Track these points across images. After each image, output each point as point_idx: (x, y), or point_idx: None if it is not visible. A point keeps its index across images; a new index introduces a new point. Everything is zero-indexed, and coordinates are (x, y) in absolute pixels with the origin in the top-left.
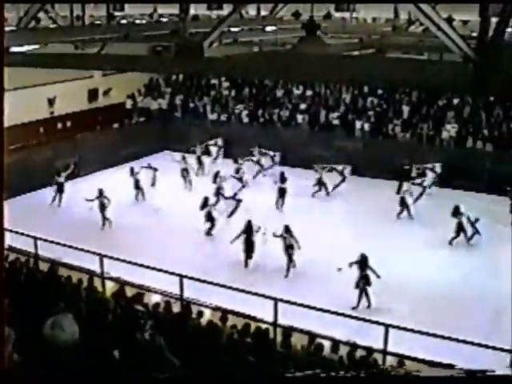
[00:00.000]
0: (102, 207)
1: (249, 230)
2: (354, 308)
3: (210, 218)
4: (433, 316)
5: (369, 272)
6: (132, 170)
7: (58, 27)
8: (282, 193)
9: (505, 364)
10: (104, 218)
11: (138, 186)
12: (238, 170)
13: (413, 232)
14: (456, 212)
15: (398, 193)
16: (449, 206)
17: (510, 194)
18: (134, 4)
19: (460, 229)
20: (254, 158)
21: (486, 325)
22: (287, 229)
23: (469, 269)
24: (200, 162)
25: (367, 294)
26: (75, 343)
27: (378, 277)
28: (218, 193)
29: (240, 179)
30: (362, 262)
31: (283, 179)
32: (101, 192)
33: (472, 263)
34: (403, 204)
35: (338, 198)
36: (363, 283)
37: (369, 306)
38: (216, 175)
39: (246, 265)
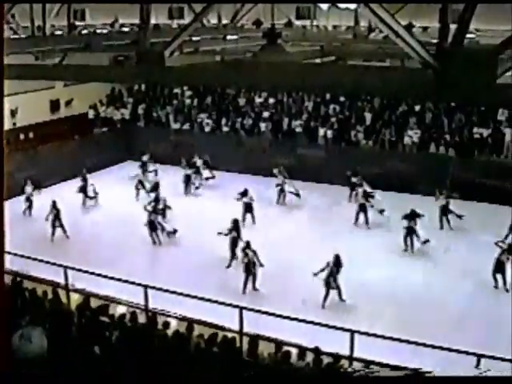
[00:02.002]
0: (56, 219)
1: (236, 229)
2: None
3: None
4: (398, 321)
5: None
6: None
7: (18, 38)
8: (248, 208)
9: (472, 365)
10: (54, 231)
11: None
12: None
13: (375, 237)
14: (411, 216)
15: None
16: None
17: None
18: (96, 13)
19: (410, 233)
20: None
21: (451, 329)
22: (248, 245)
23: (431, 273)
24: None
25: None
26: (42, 356)
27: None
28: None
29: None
30: (337, 262)
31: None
32: (54, 204)
33: (433, 268)
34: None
35: (300, 205)
36: (334, 281)
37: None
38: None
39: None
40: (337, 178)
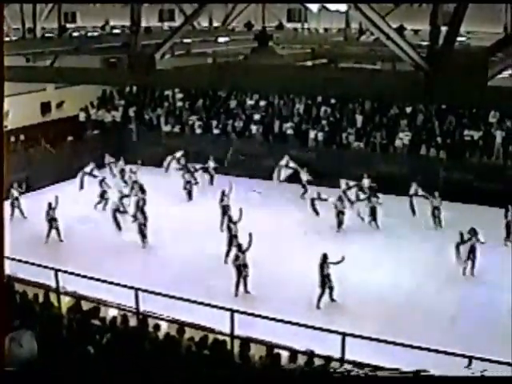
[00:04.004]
0: (51, 221)
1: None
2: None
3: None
4: (388, 323)
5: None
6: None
7: (9, 40)
8: (225, 210)
9: (462, 366)
10: (49, 233)
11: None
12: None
13: (364, 239)
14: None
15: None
16: (404, 214)
17: None
18: (87, 15)
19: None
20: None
21: (441, 331)
22: (240, 248)
23: (421, 275)
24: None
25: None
26: (32, 360)
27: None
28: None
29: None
30: (324, 262)
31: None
32: (50, 205)
33: (424, 269)
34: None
35: (290, 207)
36: (328, 281)
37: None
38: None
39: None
40: (328, 180)
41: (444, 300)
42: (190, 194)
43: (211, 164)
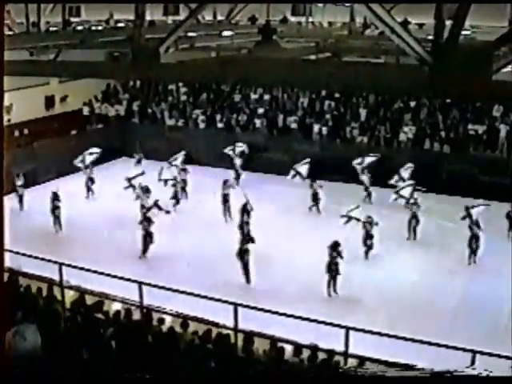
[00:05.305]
0: (55, 215)
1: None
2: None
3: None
4: (391, 317)
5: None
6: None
7: (13, 34)
8: (226, 200)
9: (465, 364)
10: (54, 226)
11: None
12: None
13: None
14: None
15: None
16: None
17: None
18: (91, 9)
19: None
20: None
21: (445, 325)
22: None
23: (425, 269)
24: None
25: (335, 281)
26: (36, 353)
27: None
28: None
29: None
30: (334, 249)
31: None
32: (56, 196)
33: (427, 264)
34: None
35: (294, 202)
36: (335, 269)
37: (335, 291)
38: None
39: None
40: (331, 174)
41: (447, 293)
42: (185, 192)
43: (238, 161)
